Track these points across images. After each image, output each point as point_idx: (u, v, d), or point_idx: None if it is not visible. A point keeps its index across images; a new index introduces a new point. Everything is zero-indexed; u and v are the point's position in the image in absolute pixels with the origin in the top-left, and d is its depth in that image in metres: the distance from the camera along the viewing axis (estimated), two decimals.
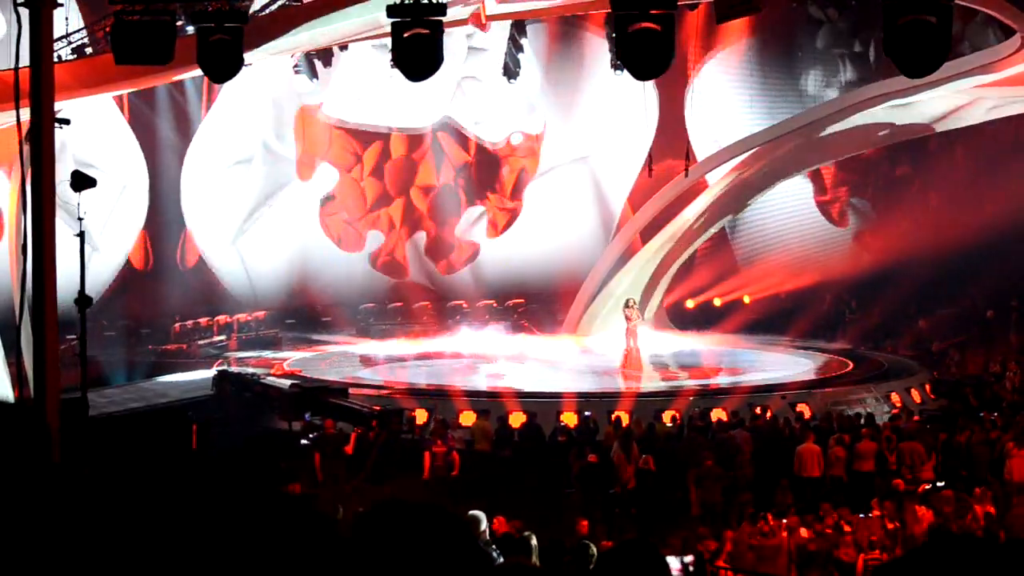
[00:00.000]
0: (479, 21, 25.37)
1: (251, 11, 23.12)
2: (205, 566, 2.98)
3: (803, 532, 17.91)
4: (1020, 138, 40.08)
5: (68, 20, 27.43)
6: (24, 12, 14.69)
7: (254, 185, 39.40)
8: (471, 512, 13.13)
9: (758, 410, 25.58)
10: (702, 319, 39.87)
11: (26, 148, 15.36)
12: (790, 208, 42.74)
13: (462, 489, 21.22)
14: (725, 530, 18.36)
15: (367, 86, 38.90)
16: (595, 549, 12.04)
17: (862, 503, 19.69)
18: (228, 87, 35.01)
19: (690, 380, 31.08)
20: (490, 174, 42.02)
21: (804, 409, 26.22)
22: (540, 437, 24.68)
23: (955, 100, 33.44)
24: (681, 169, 35.62)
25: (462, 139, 41.54)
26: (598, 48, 39.71)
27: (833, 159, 40.65)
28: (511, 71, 39.21)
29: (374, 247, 41.49)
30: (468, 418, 25.32)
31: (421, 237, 41.74)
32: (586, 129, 41.65)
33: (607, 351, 33.78)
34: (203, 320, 36.96)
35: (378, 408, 25.25)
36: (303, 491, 18.93)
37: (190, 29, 18.76)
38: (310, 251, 40.40)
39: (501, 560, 11.37)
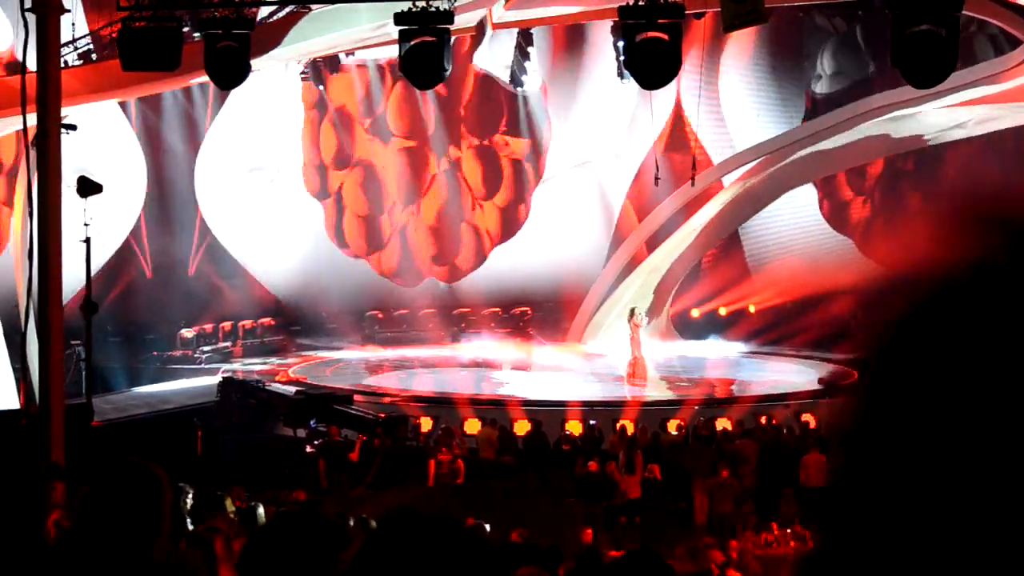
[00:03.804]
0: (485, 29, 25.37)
1: (258, 18, 23.13)
2: None
3: (809, 542, 17.87)
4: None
5: (74, 26, 27.45)
6: (31, 18, 14.73)
7: (262, 191, 39.47)
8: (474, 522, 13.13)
9: (763, 419, 25.55)
10: (708, 328, 39.83)
11: (32, 153, 15.39)
12: (796, 217, 42.72)
13: (467, 497, 21.19)
14: (730, 540, 18.32)
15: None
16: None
17: None
18: (236, 93, 35.09)
19: (696, 390, 31.07)
20: (494, 180, 41.98)
21: (809, 419, 26.17)
22: (545, 445, 24.66)
23: (960, 111, 33.39)
24: (687, 178, 35.58)
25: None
26: (604, 55, 39.73)
27: (839, 169, 40.64)
28: (517, 79, 39.25)
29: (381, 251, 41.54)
30: (473, 426, 25.30)
31: (427, 242, 41.75)
32: (591, 137, 41.63)
33: (612, 359, 33.81)
34: (208, 326, 36.96)
35: (383, 415, 25.24)
36: (307, 498, 18.90)
37: (197, 35, 18.77)
38: (316, 258, 40.43)
39: None
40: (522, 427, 25.25)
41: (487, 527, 13.35)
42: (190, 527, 10.82)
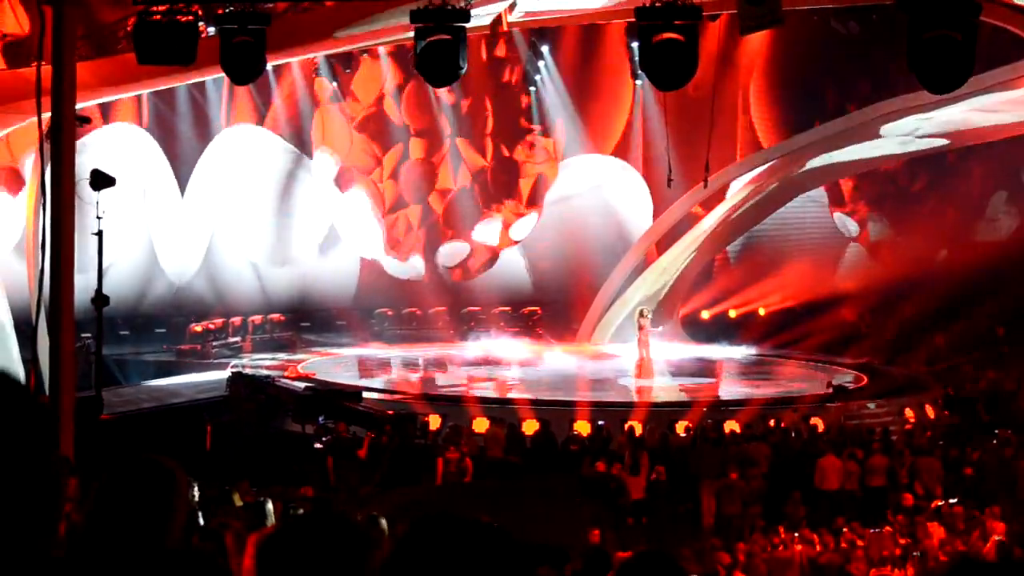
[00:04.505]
0: (500, 28, 25.31)
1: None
2: None
3: (816, 545, 17.86)
4: None
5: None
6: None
7: (271, 187, 39.49)
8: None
9: (771, 422, 25.51)
10: (717, 330, 39.78)
11: (46, 146, 15.39)
12: (807, 221, 42.67)
13: (475, 496, 21.19)
14: (738, 542, 18.32)
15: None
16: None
17: (875, 518, 19.66)
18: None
19: (705, 392, 31.07)
20: (508, 180, 42.00)
21: (818, 422, 26.13)
22: (553, 445, 24.62)
23: (973, 115, 33.27)
24: (700, 179, 35.50)
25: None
26: (618, 55, 39.77)
27: (851, 173, 40.56)
28: (530, 77, 39.28)
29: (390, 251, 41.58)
30: (481, 424, 25.28)
31: (437, 242, 41.77)
32: (604, 137, 41.64)
33: (621, 359, 33.86)
34: (218, 321, 36.97)
35: (392, 413, 25.22)
36: (315, 495, 18.89)
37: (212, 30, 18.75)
38: (325, 254, 40.48)
39: None
40: (530, 426, 25.23)
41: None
42: (201, 522, 10.83)
